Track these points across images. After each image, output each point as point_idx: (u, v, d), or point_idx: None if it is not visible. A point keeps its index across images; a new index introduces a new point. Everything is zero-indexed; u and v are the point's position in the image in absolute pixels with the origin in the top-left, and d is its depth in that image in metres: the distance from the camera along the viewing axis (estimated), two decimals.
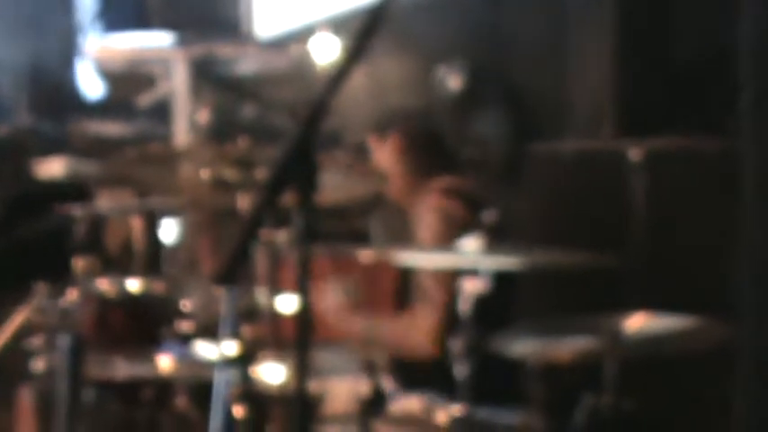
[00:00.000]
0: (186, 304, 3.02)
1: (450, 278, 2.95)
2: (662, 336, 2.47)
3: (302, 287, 1.64)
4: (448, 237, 3.06)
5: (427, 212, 3.16)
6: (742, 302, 1.08)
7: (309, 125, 1.65)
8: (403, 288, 3.24)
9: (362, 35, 1.68)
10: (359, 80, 5.40)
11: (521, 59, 4.30)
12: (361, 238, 4.18)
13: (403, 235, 3.33)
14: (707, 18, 3.38)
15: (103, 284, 3.06)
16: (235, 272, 1.56)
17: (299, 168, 1.64)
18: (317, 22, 4.95)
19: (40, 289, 2.90)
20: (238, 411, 2.39)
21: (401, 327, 3.13)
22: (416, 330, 3.06)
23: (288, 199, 1.67)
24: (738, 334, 1.08)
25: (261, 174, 2.54)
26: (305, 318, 1.65)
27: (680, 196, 3.22)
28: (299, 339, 1.64)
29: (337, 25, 4.82)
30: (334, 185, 2.58)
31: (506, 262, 2.49)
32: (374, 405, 2.60)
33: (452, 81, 4.30)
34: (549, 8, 4.03)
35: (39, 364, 2.88)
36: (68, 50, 5.40)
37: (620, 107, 3.62)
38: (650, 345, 2.47)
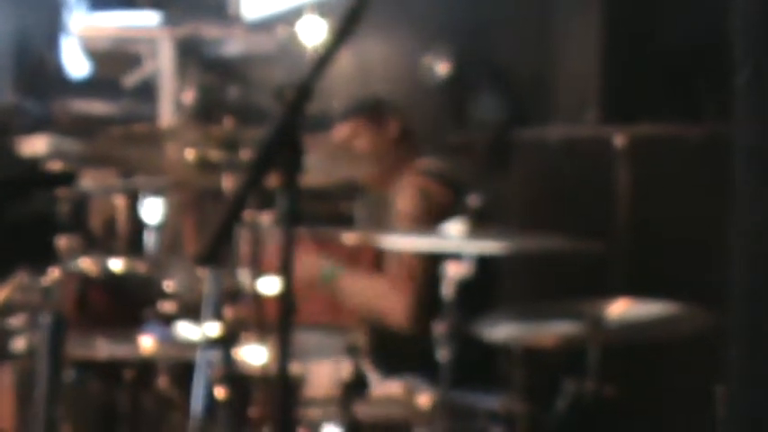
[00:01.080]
0: (169, 285, 3.01)
1: (432, 259, 2.96)
2: (644, 322, 2.47)
3: (285, 269, 1.63)
4: (426, 214, 3.06)
5: (407, 188, 3.17)
6: (734, 288, 1.08)
7: (295, 107, 1.65)
8: (380, 267, 3.24)
9: (348, 18, 1.68)
10: (345, 63, 5.40)
11: (507, 45, 4.29)
12: (346, 222, 4.18)
13: (385, 220, 3.33)
14: (693, 4, 3.38)
15: (86, 264, 3.05)
16: (217, 253, 1.56)
17: (283, 150, 1.64)
18: (304, 4, 4.93)
19: (22, 268, 2.89)
20: (220, 393, 2.39)
21: (380, 288, 3.12)
22: (397, 297, 3.06)
23: (272, 180, 1.66)
24: (730, 320, 1.08)
25: (246, 155, 2.53)
26: (287, 299, 1.64)
27: (664, 182, 3.23)
28: (282, 321, 1.63)
29: (324, 7, 4.80)
30: (318, 168, 2.57)
31: (490, 246, 2.49)
32: (356, 388, 2.60)
33: (440, 66, 4.30)
34: None
35: (19, 344, 2.87)
36: (53, 28, 5.36)
37: (606, 93, 3.63)
38: (632, 331, 2.48)
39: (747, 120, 1.09)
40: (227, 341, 2.42)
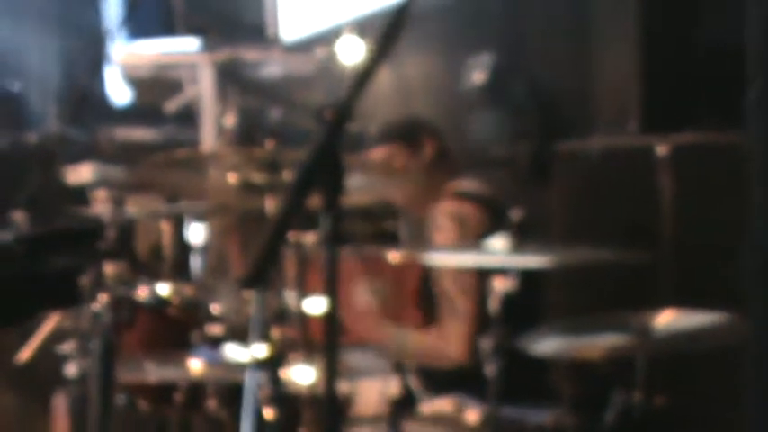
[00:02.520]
0: (216, 307, 3.03)
1: (475, 285, 2.94)
2: (691, 332, 2.46)
3: (330, 289, 1.64)
4: (462, 240, 3.06)
5: (441, 217, 3.16)
6: (749, 297, 1.07)
7: (335, 127, 1.66)
8: (424, 287, 3.24)
9: (386, 36, 1.69)
10: (385, 82, 5.42)
11: (545, 56, 4.29)
12: (390, 240, 4.19)
13: (426, 237, 3.33)
14: (731, 12, 3.36)
15: (134, 289, 3.08)
16: (262, 275, 1.57)
17: (325, 170, 1.65)
18: (342, 24, 4.96)
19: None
20: (269, 413, 2.40)
21: (431, 340, 3.11)
22: (447, 343, 3.05)
23: (314, 201, 1.67)
24: (748, 329, 1.07)
25: (287, 176, 2.55)
26: (333, 319, 1.65)
27: (707, 190, 3.20)
28: (328, 341, 1.64)
29: (362, 27, 4.82)
30: (358, 188, 2.58)
31: (534, 260, 2.49)
32: (404, 405, 2.60)
33: (476, 76, 4.30)
34: (573, 4, 4.03)
35: (71, 369, 2.91)
36: (96, 57, 5.43)
37: (646, 103, 3.61)
38: (680, 341, 2.46)
39: (756, 139, 1.09)
40: (274, 362, 2.43)
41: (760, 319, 1.08)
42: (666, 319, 2.49)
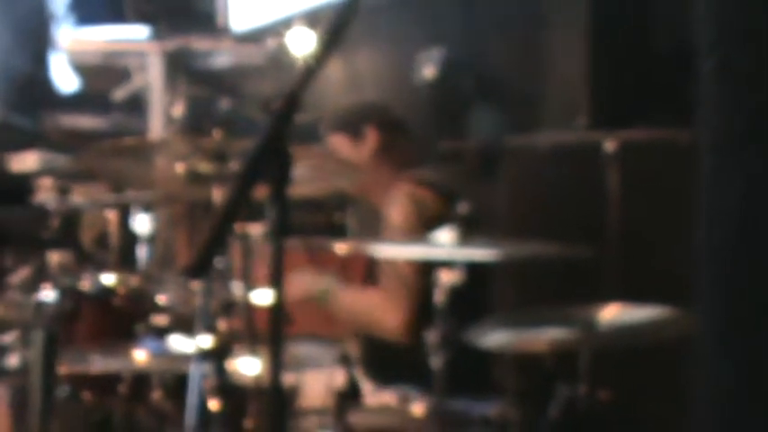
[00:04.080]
0: (162, 298, 3.01)
1: (423, 265, 2.96)
2: (636, 326, 2.48)
3: (275, 280, 1.63)
4: (418, 223, 3.07)
5: (398, 197, 3.17)
6: (698, 290, 1.08)
7: (283, 117, 1.65)
8: (370, 275, 3.24)
9: (335, 28, 1.68)
10: (335, 73, 5.41)
11: (496, 52, 4.31)
12: (339, 232, 4.18)
13: (377, 231, 3.33)
14: (681, 10, 3.39)
15: (78, 279, 3.05)
16: (207, 264, 1.56)
17: (272, 160, 1.64)
18: (293, 15, 4.94)
19: (14, 284, 2.89)
20: (214, 405, 2.39)
21: (374, 301, 3.12)
22: (391, 311, 3.06)
23: (261, 192, 1.66)
24: (695, 327, 1.08)
25: (235, 167, 2.53)
26: (278, 311, 1.64)
27: (654, 187, 3.24)
28: (273, 332, 1.63)
29: (312, 18, 4.81)
30: (306, 179, 2.57)
31: (481, 253, 2.49)
32: (349, 397, 2.60)
33: (427, 71, 4.30)
34: (524, 1, 4.04)
35: (13, 360, 2.87)
36: (41, 43, 5.36)
37: (595, 99, 3.64)
38: (624, 335, 2.49)
39: (712, 111, 1.09)
40: (220, 353, 2.42)
41: (708, 316, 1.09)
42: (611, 314, 2.51)
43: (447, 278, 2.42)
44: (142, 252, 3.47)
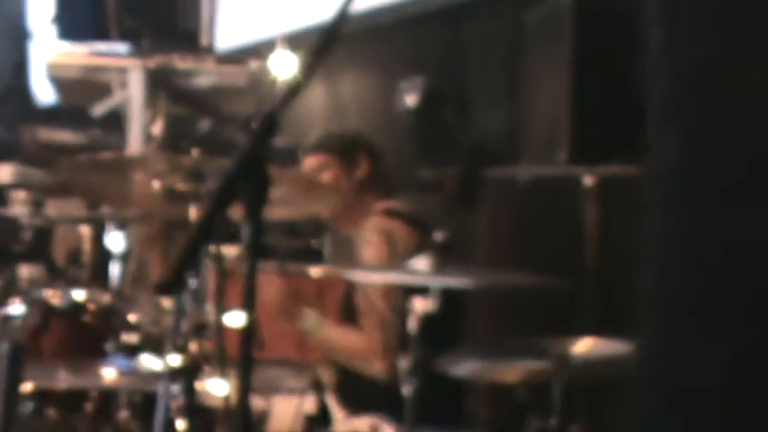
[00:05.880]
0: (133, 316, 2.98)
1: (396, 294, 2.95)
2: (609, 360, 2.47)
3: (248, 303, 1.61)
4: (391, 257, 3.06)
5: (370, 232, 3.15)
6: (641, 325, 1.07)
7: (261, 136, 1.63)
8: (347, 302, 3.22)
9: (317, 51, 1.67)
10: (318, 99, 5.40)
11: (478, 83, 4.32)
12: (315, 257, 4.16)
13: (351, 255, 3.32)
14: None
15: (48, 293, 3.01)
16: (178, 281, 1.54)
17: (248, 180, 1.62)
18: (276, 36, 4.94)
19: None
20: (181, 425, 2.35)
21: (354, 340, 3.11)
22: (375, 356, 3.05)
23: (237, 212, 1.64)
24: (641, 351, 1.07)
25: (212, 185, 2.51)
26: (249, 333, 1.62)
27: (632, 221, 3.23)
28: (243, 355, 1.61)
29: (295, 41, 4.80)
30: (283, 201, 2.55)
31: (455, 281, 2.48)
32: (319, 423, 2.57)
33: (410, 98, 4.31)
34: (506, 33, 4.06)
35: None
36: (21, 55, 5.33)
37: (575, 134, 3.64)
38: (597, 369, 2.48)
39: (657, 75, 1.09)
40: (189, 373, 2.39)
41: (648, 345, 1.08)
42: (585, 347, 2.50)
43: (420, 305, 2.40)
44: (115, 269, 3.44)
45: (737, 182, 0.97)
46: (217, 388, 2.49)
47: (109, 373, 2.75)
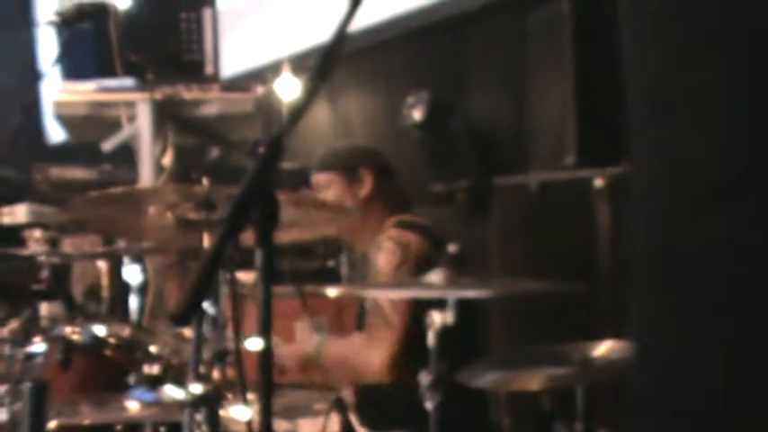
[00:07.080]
0: (154, 347, 2.99)
1: (408, 305, 2.96)
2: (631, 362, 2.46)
3: (264, 328, 1.62)
4: (405, 266, 3.06)
5: (385, 241, 3.16)
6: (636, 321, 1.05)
7: (268, 160, 1.64)
8: (361, 318, 3.23)
9: (319, 71, 1.68)
10: (324, 118, 5.41)
11: (483, 93, 4.32)
12: (332, 277, 4.17)
13: (367, 274, 3.32)
14: None
15: (69, 330, 3.03)
16: (193, 310, 1.54)
17: (258, 204, 1.62)
18: (281, 59, 4.96)
19: (4, 337, 2.86)
20: None
21: (357, 344, 3.11)
22: (373, 351, 3.05)
23: (249, 237, 1.65)
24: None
25: (223, 212, 2.52)
26: (267, 358, 1.63)
27: None
28: (262, 380, 1.62)
29: (299, 63, 4.83)
30: (296, 223, 2.56)
31: (472, 292, 2.48)
32: None
33: (416, 113, 4.32)
34: (507, 41, 4.07)
35: (1, 415, 2.84)
36: (30, 96, 5.35)
37: (583, 137, 3.65)
38: (620, 371, 2.47)
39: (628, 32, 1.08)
40: (212, 401, 2.39)
41: (642, 342, 1.06)
42: (606, 350, 2.50)
43: (438, 319, 2.40)
44: (134, 302, 3.45)
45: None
46: (240, 414, 2.50)
47: (133, 406, 2.76)
